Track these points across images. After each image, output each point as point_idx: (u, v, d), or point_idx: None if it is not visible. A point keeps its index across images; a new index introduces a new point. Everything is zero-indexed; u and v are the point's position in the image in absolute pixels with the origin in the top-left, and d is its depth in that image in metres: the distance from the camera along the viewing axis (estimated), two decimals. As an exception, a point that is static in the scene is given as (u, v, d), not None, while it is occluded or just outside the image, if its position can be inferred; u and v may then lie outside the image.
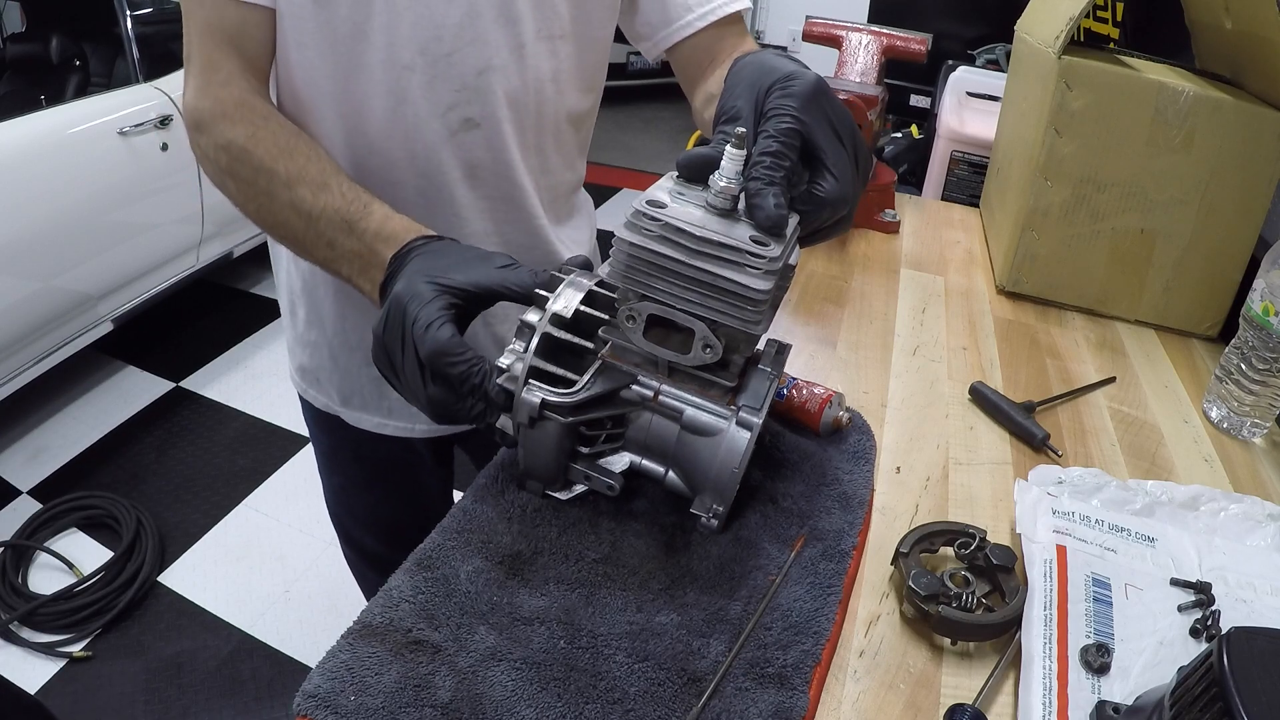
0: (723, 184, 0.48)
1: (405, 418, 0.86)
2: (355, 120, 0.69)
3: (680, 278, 0.48)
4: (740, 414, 0.54)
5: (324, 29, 0.65)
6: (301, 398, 0.92)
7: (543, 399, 0.51)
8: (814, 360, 0.86)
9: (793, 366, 0.83)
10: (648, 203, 0.48)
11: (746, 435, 0.53)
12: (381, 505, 1.01)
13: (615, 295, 0.52)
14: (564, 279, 0.55)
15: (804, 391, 0.70)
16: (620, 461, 0.57)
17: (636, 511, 0.59)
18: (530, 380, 0.52)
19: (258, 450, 2.20)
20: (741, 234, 0.47)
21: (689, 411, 0.55)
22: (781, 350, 0.58)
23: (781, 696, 0.47)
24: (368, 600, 0.52)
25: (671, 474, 0.57)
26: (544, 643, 0.49)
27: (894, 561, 0.58)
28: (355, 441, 0.90)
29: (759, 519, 0.60)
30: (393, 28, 0.64)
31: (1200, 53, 1.12)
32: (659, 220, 0.47)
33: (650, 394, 0.55)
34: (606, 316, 0.54)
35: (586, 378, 0.53)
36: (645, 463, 0.57)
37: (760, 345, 0.56)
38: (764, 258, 0.46)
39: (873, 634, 0.55)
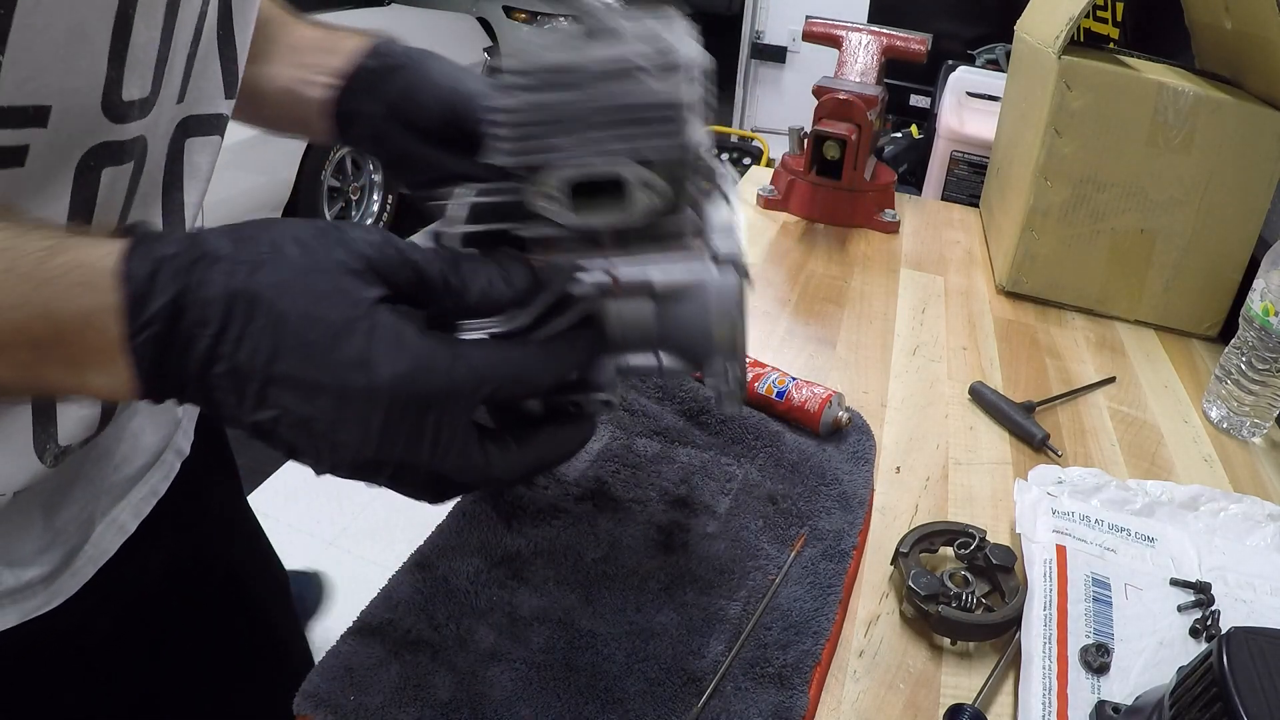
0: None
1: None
2: None
3: (581, 123, 0.39)
4: (718, 252, 0.44)
5: None
6: None
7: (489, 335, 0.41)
8: (814, 360, 0.86)
9: (793, 366, 0.83)
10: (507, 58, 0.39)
11: (733, 275, 0.44)
12: None
13: (507, 193, 0.41)
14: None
15: (804, 391, 0.70)
16: (605, 371, 0.47)
17: (636, 511, 0.59)
18: (461, 323, 0.41)
19: (257, 450, 2.19)
20: (632, 48, 0.39)
21: (659, 278, 0.45)
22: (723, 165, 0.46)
23: (781, 696, 0.47)
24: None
25: (665, 359, 0.47)
26: (543, 643, 0.49)
27: (894, 561, 0.58)
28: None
29: (759, 519, 0.60)
30: None
31: (1200, 53, 1.12)
32: (529, 69, 0.39)
33: (607, 279, 0.44)
34: (507, 227, 0.42)
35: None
36: (631, 360, 0.47)
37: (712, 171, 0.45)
38: (666, 56, 0.38)
39: (872, 634, 0.55)
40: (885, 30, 1.24)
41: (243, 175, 2.52)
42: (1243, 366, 0.78)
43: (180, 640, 0.62)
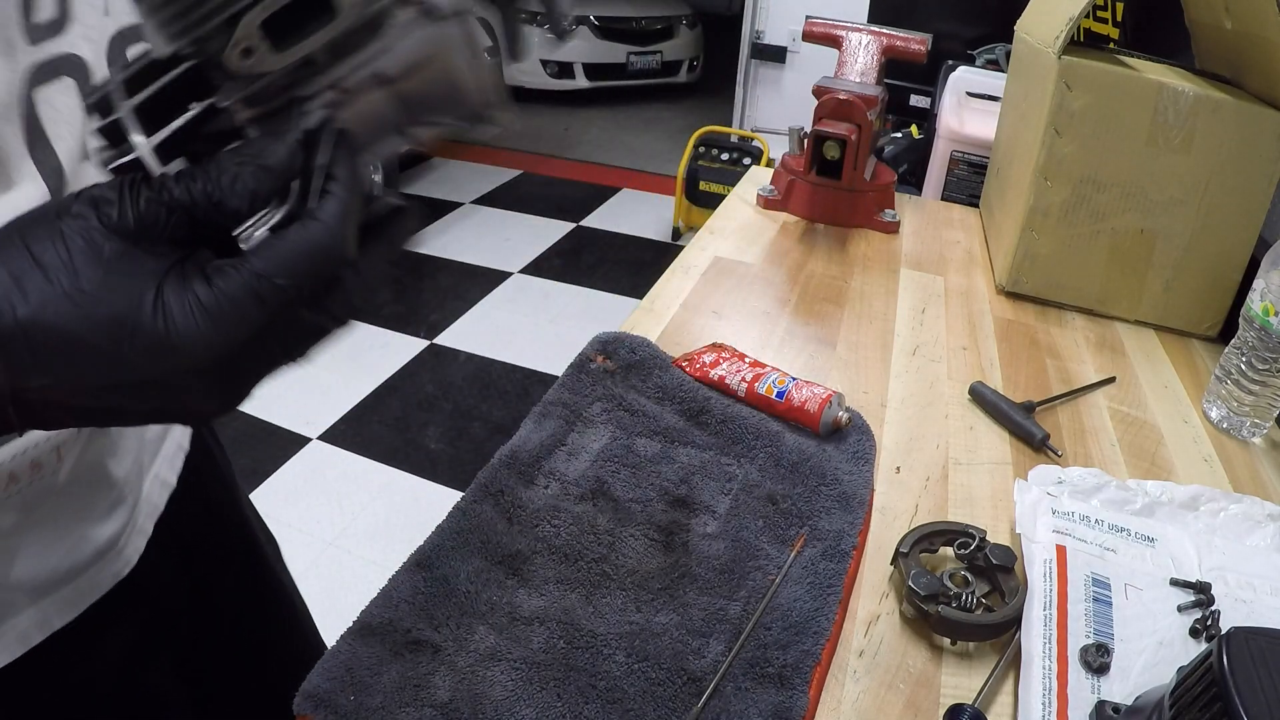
0: None
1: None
2: None
3: None
4: (434, 7, 0.38)
5: None
6: None
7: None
8: (814, 360, 0.86)
9: (793, 366, 0.83)
10: None
11: (454, 24, 0.38)
12: None
13: (188, 52, 0.33)
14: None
15: (804, 391, 0.70)
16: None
17: (635, 511, 0.59)
18: (238, 234, 0.35)
19: (258, 450, 2.20)
20: None
21: (384, 65, 0.37)
22: None
23: (781, 696, 0.47)
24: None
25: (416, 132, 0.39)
26: (543, 643, 0.49)
27: (894, 561, 0.58)
28: None
29: (759, 519, 0.60)
30: None
31: (1200, 53, 1.12)
32: None
33: (335, 95, 0.36)
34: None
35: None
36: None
37: None
38: None
39: (872, 634, 0.55)
40: (885, 30, 1.24)
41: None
42: (1243, 366, 0.78)
43: (215, 593, 0.66)
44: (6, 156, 0.39)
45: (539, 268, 3.36)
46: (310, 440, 2.24)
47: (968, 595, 0.53)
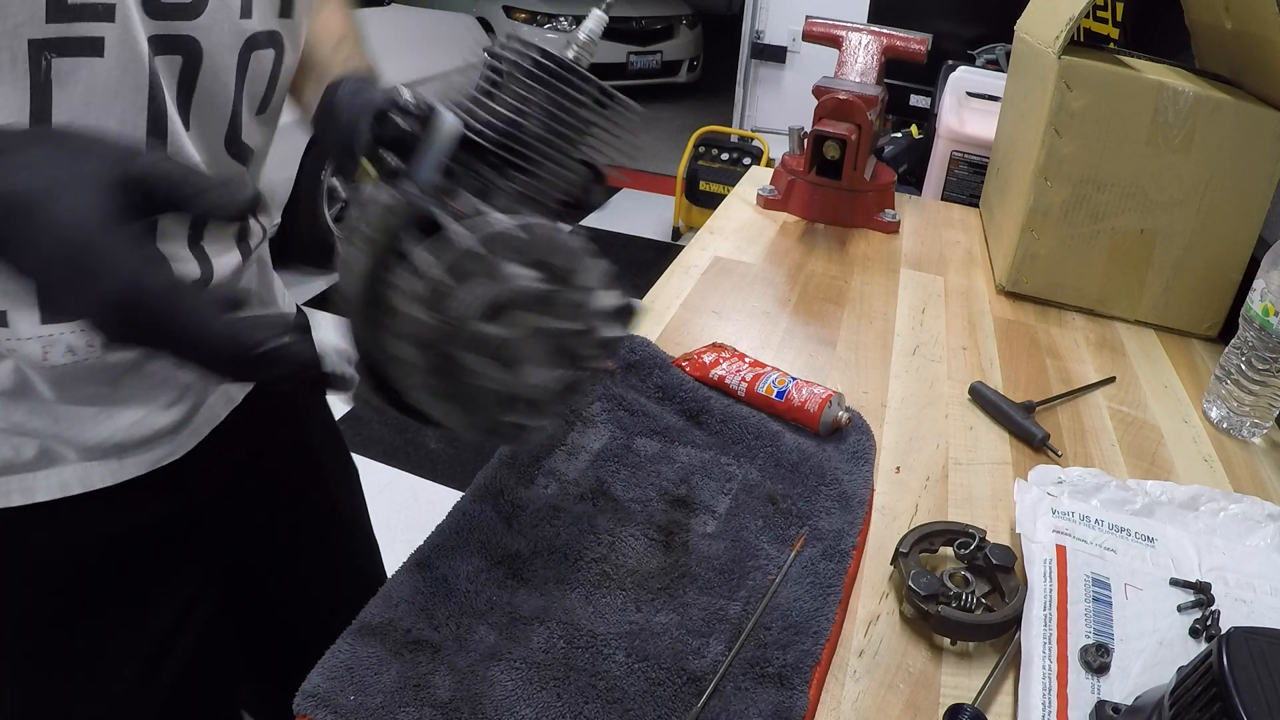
0: (583, 37, 0.45)
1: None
2: None
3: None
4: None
5: None
6: None
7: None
8: (814, 360, 0.86)
9: (793, 366, 0.83)
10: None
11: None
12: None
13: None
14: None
15: (804, 391, 0.70)
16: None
17: (635, 511, 0.59)
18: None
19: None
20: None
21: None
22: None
23: (781, 696, 0.47)
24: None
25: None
26: (543, 642, 0.49)
27: (894, 561, 0.58)
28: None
29: (759, 519, 0.60)
30: None
31: (1200, 53, 1.12)
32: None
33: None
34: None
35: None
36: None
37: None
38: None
39: (872, 634, 0.55)
40: (885, 30, 1.24)
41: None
42: (1243, 366, 0.78)
43: (264, 512, 0.72)
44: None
45: (539, 267, 3.35)
46: (310, 440, 2.24)
47: (968, 595, 0.53)
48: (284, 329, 0.35)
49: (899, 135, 2.57)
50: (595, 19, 0.47)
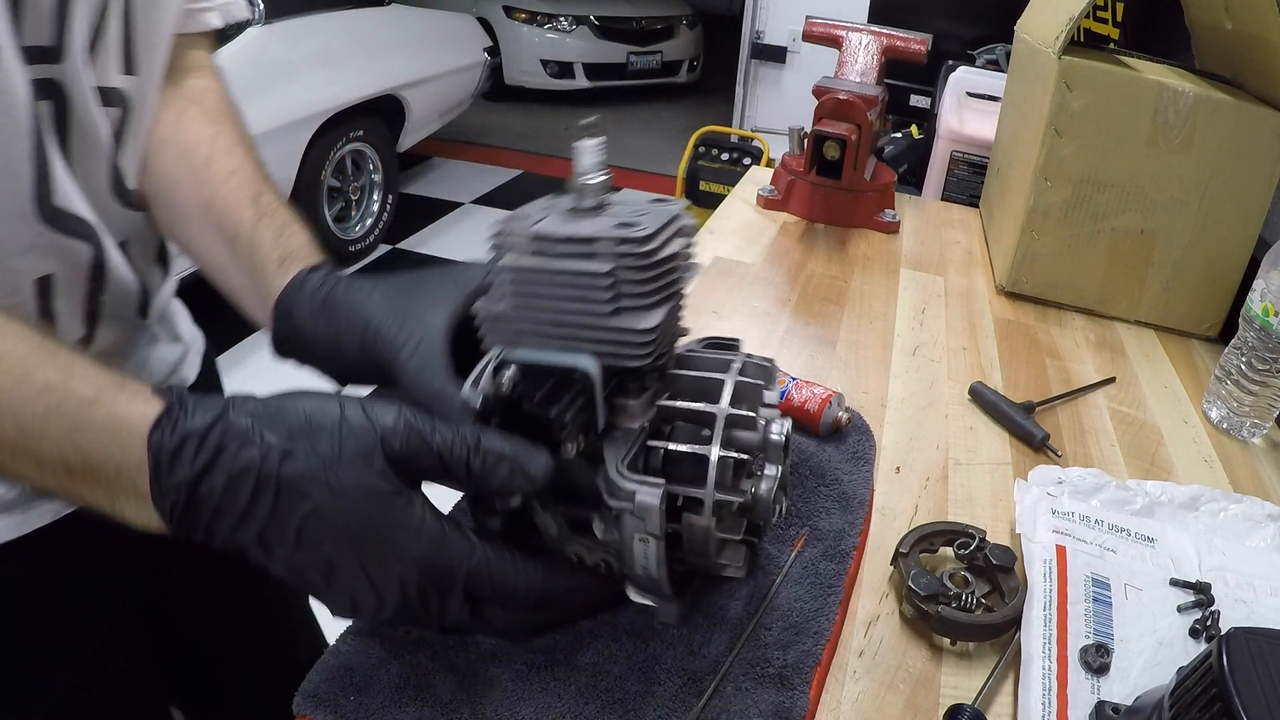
0: (582, 179, 0.41)
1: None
2: None
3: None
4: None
5: None
6: None
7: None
8: (814, 360, 0.86)
9: (793, 366, 0.83)
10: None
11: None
12: None
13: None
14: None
15: (804, 391, 0.70)
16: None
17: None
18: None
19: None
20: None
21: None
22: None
23: (781, 696, 0.47)
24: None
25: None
26: (544, 642, 0.49)
27: (894, 561, 0.58)
28: None
29: (759, 519, 0.60)
30: None
31: (1200, 53, 1.12)
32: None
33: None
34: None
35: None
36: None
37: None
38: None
39: (872, 634, 0.55)
40: (885, 30, 1.24)
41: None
42: (1242, 367, 0.78)
43: (182, 547, 0.71)
44: None
45: (539, 268, 3.35)
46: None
47: (968, 595, 0.53)
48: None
49: (899, 135, 2.57)
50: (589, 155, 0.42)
